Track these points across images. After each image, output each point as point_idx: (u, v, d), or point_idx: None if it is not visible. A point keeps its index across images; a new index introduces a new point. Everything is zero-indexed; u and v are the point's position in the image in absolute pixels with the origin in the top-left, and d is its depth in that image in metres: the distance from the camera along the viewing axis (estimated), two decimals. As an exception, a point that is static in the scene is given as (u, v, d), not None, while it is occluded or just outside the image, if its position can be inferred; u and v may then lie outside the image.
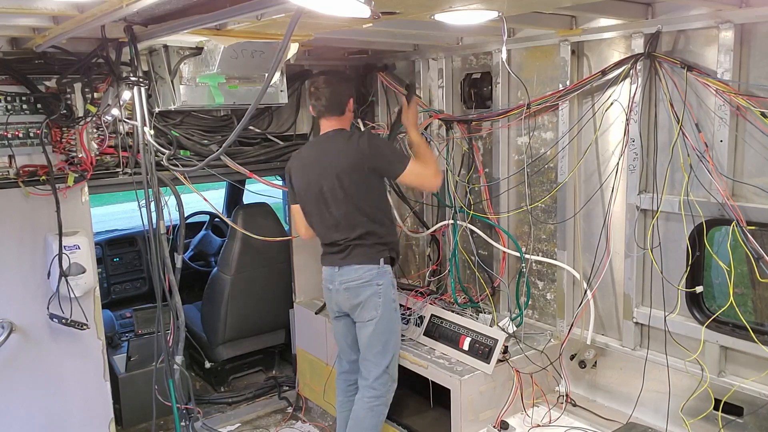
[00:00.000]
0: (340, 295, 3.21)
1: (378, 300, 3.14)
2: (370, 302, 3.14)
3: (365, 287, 3.13)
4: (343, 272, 3.17)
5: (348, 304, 3.20)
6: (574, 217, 3.29)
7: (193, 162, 3.56)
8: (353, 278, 3.14)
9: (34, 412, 3.36)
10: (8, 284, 3.23)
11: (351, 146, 3.10)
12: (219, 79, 3.33)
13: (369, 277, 3.12)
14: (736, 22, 2.51)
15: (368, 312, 3.15)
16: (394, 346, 3.22)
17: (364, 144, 3.09)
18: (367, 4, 1.57)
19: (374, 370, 3.19)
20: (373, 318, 3.15)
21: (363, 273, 3.13)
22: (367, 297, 3.13)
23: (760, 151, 2.57)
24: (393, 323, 3.21)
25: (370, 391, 3.21)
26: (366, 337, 3.20)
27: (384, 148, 3.18)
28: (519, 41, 3.38)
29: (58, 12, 2.31)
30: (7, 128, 3.07)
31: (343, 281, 3.17)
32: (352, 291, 3.16)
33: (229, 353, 4.63)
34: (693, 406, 2.83)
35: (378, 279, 3.13)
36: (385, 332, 3.17)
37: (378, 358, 3.18)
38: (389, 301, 3.17)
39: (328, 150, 3.17)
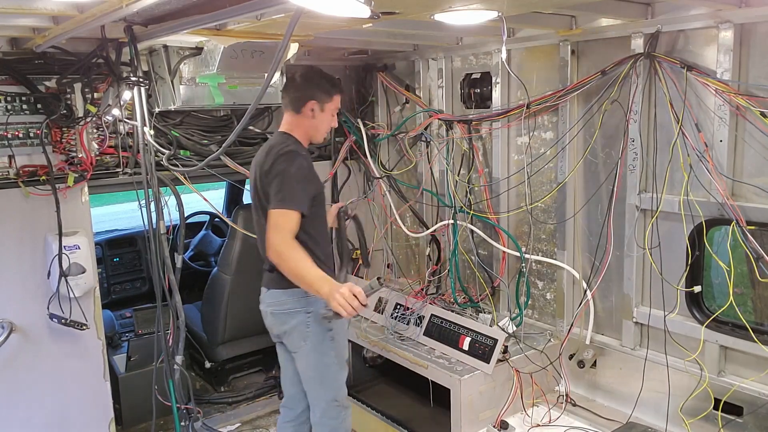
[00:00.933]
0: (268, 320, 2.91)
1: (306, 330, 2.78)
2: (296, 332, 2.80)
3: (290, 315, 2.79)
4: (269, 295, 2.86)
5: (276, 330, 2.90)
6: (573, 217, 3.29)
7: (193, 162, 3.56)
8: (277, 303, 2.82)
9: (34, 412, 3.36)
10: (8, 284, 3.22)
11: (269, 157, 2.72)
12: (219, 79, 3.33)
13: (294, 304, 2.78)
14: (736, 22, 2.51)
15: (295, 342, 2.83)
16: (333, 377, 2.88)
17: (270, 163, 2.68)
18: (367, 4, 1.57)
19: (319, 405, 2.90)
20: (300, 348, 2.82)
21: (286, 298, 2.78)
22: (293, 326, 2.80)
23: (760, 151, 2.57)
24: (326, 354, 2.83)
25: (323, 428, 2.92)
26: (301, 369, 2.90)
27: (281, 177, 2.64)
28: (519, 41, 3.38)
29: (57, 12, 2.31)
30: (7, 128, 3.07)
31: (270, 305, 2.86)
32: (277, 317, 2.85)
33: (229, 353, 4.63)
34: (693, 406, 2.83)
35: (307, 306, 2.76)
36: (318, 365, 2.83)
37: (318, 392, 2.89)
38: (321, 330, 2.79)
39: (262, 151, 2.83)
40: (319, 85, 2.81)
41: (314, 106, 2.80)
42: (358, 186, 4.45)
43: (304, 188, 2.68)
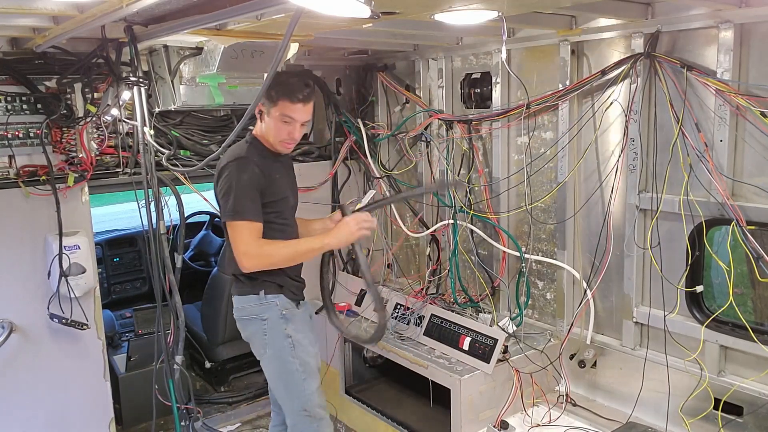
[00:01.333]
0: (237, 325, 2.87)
1: (263, 337, 2.71)
2: (256, 339, 2.77)
3: (248, 321, 2.75)
4: (234, 300, 2.81)
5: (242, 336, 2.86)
6: (573, 217, 3.29)
7: (193, 162, 3.56)
8: (237, 309, 2.78)
9: (34, 412, 3.36)
10: (8, 284, 3.23)
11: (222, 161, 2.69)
12: (219, 79, 3.33)
13: (250, 310, 2.73)
14: (736, 22, 2.51)
15: (257, 349, 2.79)
16: (300, 385, 2.74)
17: (218, 170, 2.67)
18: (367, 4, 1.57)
19: (290, 415, 2.81)
20: (262, 357, 2.78)
21: (244, 304, 2.75)
22: (251, 333, 2.77)
23: (760, 151, 2.57)
24: (289, 362, 2.71)
25: None
26: (267, 378, 2.87)
27: (228, 186, 2.59)
28: (519, 41, 3.38)
29: (58, 12, 2.31)
30: (8, 128, 3.07)
31: (235, 310, 2.81)
32: (239, 323, 2.82)
33: (229, 353, 4.63)
34: (693, 406, 2.83)
35: (262, 313, 2.70)
36: (280, 373, 2.75)
37: (286, 401, 2.82)
38: (280, 338, 2.70)
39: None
40: (271, 87, 2.60)
41: (261, 108, 2.69)
42: (358, 186, 4.45)
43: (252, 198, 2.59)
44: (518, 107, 3.36)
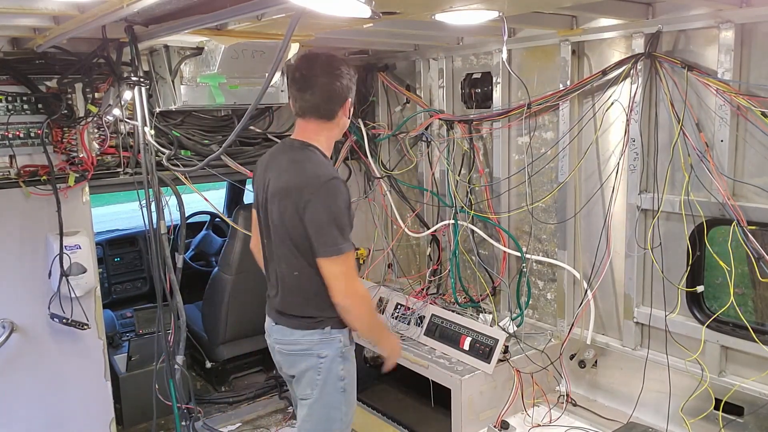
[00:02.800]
0: (276, 356, 2.58)
1: (317, 377, 2.41)
2: (306, 377, 2.44)
3: (302, 357, 2.43)
4: (277, 330, 2.51)
5: (285, 370, 2.58)
6: (574, 217, 3.29)
7: (194, 162, 3.56)
8: (288, 342, 2.47)
9: (34, 412, 3.36)
10: (9, 284, 3.23)
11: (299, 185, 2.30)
12: (220, 79, 3.33)
13: (307, 345, 2.42)
14: (737, 22, 2.51)
15: (302, 389, 2.47)
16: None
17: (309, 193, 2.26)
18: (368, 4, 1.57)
19: None
20: (307, 398, 2.46)
21: (300, 338, 2.43)
22: (303, 370, 2.44)
23: (761, 151, 2.57)
24: (336, 409, 2.46)
25: None
26: (300, 418, 2.53)
27: (328, 215, 2.25)
28: (519, 41, 3.38)
29: (58, 12, 2.31)
30: (8, 128, 3.06)
31: (278, 341, 2.51)
32: (285, 358, 2.51)
33: (230, 353, 4.63)
34: (693, 406, 2.83)
35: (321, 349, 2.40)
36: (321, 420, 2.46)
37: None
38: (334, 380, 2.43)
39: (279, 166, 2.42)
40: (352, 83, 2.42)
41: (348, 107, 2.43)
42: (359, 186, 4.45)
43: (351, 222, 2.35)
44: (519, 107, 3.36)
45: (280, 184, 2.37)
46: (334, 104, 2.37)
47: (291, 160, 2.39)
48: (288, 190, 2.33)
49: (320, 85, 2.33)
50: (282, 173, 2.38)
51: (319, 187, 2.27)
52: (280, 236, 2.40)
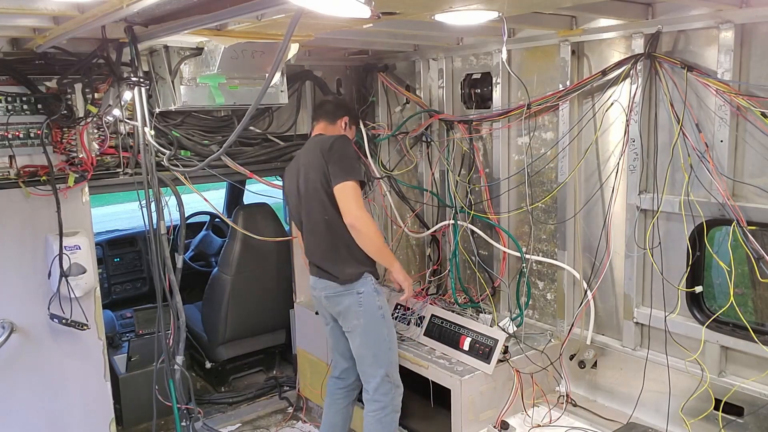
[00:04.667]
0: (323, 303, 3.24)
1: (359, 309, 3.07)
2: (351, 311, 3.10)
3: (344, 296, 3.10)
4: (320, 282, 3.20)
5: (331, 311, 3.23)
6: (574, 217, 3.29)
7: (194, 162, 3.56)
8: (331, 287, 3.13)
9: (34, 413, 3.36)
10: (9, 284, 3.23)
11: (321, 145, 3.07)
12: (219, 80, 3.33)
13: (347, 286, 3.08)
14: (737, 22, 2.51)
15: (350, 321, 3.12)
16: (387, 353, 3.14)
17: (329, 143, 3.03)
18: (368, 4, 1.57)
19: (372, 381, 3.13)
20: (356, 328, 3.11)
21: (339, 283, 3.11)
22: (347, 306, 3.10)
23: (761, 151, 2.57)
24: (379, 331, 3.11)
25: (374, 404, 3.15)
26: (355, 348, 3.17)
27: (341, 154, 3.00)
28: (519, 41, 3.38)
29: (58, 12, 2.31)
30: (8, 128, 3.06)
31: (323, 288, 3.18)
32: (331, 299, 3.16)
33: (230, 353, 4.64)
34: (693, 406, 2.83)
35: (358, 287, 3.07)
36: (372, 342, 3.11)
37: (372, 369, 3.13)
38: (373, 309, 3.09)
39: (307, 151, 3.20)
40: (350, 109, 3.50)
41: (346, 119, 3.35)
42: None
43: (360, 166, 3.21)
44: (519, 107, 3.36)
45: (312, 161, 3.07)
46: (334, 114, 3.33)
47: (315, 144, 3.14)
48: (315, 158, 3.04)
49: None
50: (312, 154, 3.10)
51: (333, 142, 3.02)
52: (314, 201, 3.05)
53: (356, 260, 3.07)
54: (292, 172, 3.27)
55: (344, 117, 3.34)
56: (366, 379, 3.18)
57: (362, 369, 3.19)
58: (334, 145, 3.01)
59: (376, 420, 3.15)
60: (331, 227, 3.06)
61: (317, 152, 3.05)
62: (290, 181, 3.28)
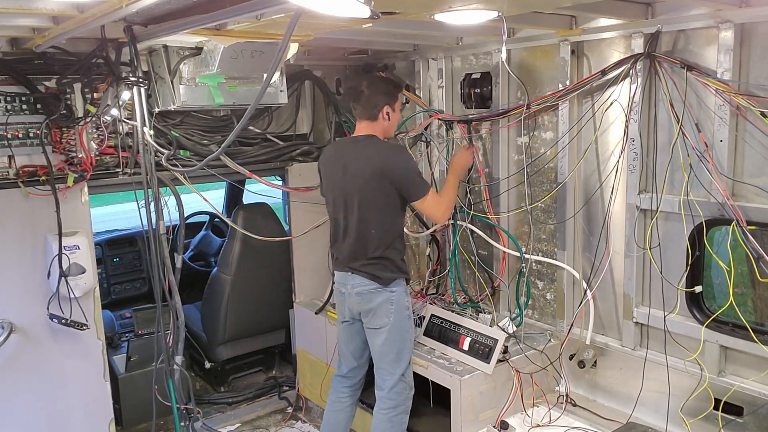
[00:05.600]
0: (352, 299, 3.19)
1: (390, 307, 3.11)
2: (382, 309, 3.11)
3: (377, 293, 3.11)
4: (352, 278, 3.16)
5: (359, 308, 3.19)
6: (573, 217, 3.29)
7: (193, 162, 3.56)
8: (365, 284, 3.12)
9: (34, 413, 3.36)
10: (8, 284, 3.22)
11: (377, 154, 3.06)
12: (219, 79, 3.33)
13: (381, 284, 3.11)
14: (736, 22, 2.51)
15: (380, 319, 3.13)
16: (407, 354, 3.20)
17: (391, 155, 3.08)
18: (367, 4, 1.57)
19: (389, 379, 3.16)
20: (385, 325, 3.12)
21: (374, 281, 3.13)
22: (379, 303, 3.11)
23: (760, 151, 2.57)
24: (406, 331, 3.17)
25: (387, 402, 3.17)
26: (378, 345, 3.17)
27: (412, 169, 3.12)
28: (519, 41, 3.38)
29: (57, 12, 2.31)
30: (7, 128, 3.06)
31: (355, 285, 3.15)
32: (364, 296, 3.14)
33: (229, 353, 4.63)
34: (693, 406, 2.83)
35: (392, 286, 3.12)
36: (397, 341, 3.14)
37: (392, 367, 3.15)
38: (402, 309, 3.14)
39: (357, 155, 3.13)
40: (390, 86, 3.23)
41: (387, 108, 3.14)
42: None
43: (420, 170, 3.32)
44: (518, 107, 3.36)
45: (366, 171, 3.05)
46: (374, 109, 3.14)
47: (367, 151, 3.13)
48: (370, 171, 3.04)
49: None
50: (366, 162, 3.07)
51: (390, 161, 3.06)
52: (365, 212, 3.08)
53: (398, 268, 3.16)
54: (333, 169, 3.20)
55: (384, 107, 3.13)
56: (383, 376, 3.19)
57: (381, 366, 3.19)
58: (392, 165, 3.04)
59: (387, 419, 3.17)
60: (381, 240, 3.10)
61: (373, 166, 3.02)
62: (330, 179, 3.24)
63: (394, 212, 3.14)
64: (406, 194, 3.09)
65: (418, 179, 3.11)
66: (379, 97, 3.12)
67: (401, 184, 3.06)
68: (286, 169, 4.13)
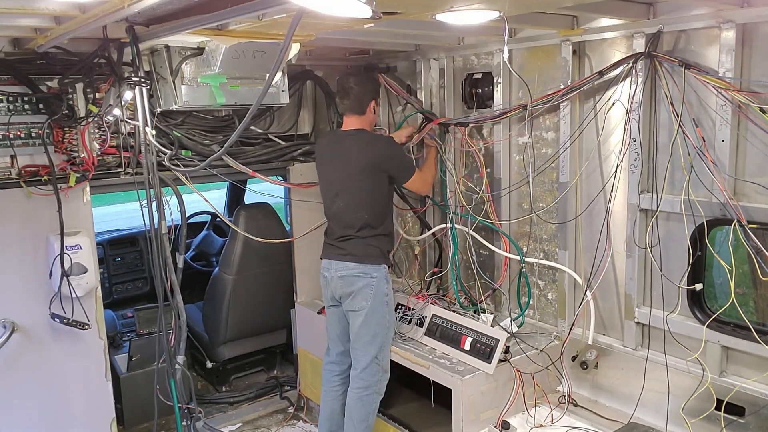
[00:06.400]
0: (335, 283, 3.37)
1: (369, 292, 3.29)
2: (362, 293, 3.29)
3: (359, 278, 3.30)
4: (335, 264, 3.38)
5: (341, 291, 3.36)
6: (575, 219, 3.28)
7: (195, 162, 3.56)
8: (349, 268, 3.32)
9: (35, 412, 3.36)
10: (10, 284, 3.23)
11: (371, 147, 3.33)
12: (220, 80, 3.33)
13: (363, 269, 3.30)
14: (738, 22, 2.51)
15: (358, 302, 3.30)
16: (383, 338, 3.34)
17: (384, 147, 3.37)
18: (369, 4, 1.57)
19: (362, 359, 3.33)
20: (363, 308, 3.29)
21: (358, 264, 3.32)
22: (360, 288, 3.29)
23: (762, 150, 2.57)
24: (383, 316, 3.33)
25: (359, 381, 3.34)
26: (356, 327, 3.34)
27: (400, 156, 3.45)
28: (520, 41, 3.38)
29: (59, 12, 2.31)
30: (9, 128, 3.07)
31: (339, 269, 3.35)
32: (346, 280, 3.33)
33: (231, 353, 4.64)
34: (694, 406, 2.82)
35: (372, 272, 3.30)
36: (373, 324, 3.31)
37: (366, 348, 3.32)
38: (381, 295, 3.31)
39: (349, 147, 3.35)
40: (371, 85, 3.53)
41: (373, 104, 3.46)
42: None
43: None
44: (519, 108, 3.36)
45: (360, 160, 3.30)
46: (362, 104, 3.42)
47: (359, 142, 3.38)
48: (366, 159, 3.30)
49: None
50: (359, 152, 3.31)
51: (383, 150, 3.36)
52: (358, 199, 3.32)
53: (382, 255, 3.37)
54: (331, 160, 3.44)
55: (371, 102, 3.43)
56: (357, 357, 3.37)
57: (356, 347, 3.37)
58: (386, 155, 3.34)
59: (358, 398, 3.35)
60: (370, 225, 3.33)
61: (370, 157, 3.30)
62: (326, 169, 3.48)
63: (384, 199, 3.43)
64: (398, 177, 3.43)
65: (406, 163, 3.47)
66: (366, 93, 3.42)
67: (395, 170, 3.39)
68: (287, 168, 4.14)
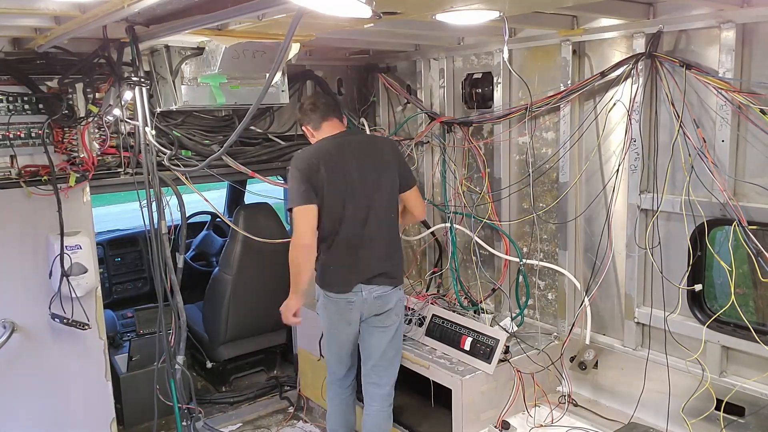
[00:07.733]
0: (370, 303, 3.10)
1: (402, 305, 3.25)
2: (396, 309, 3.19)
3: (394, 293, 3.17)
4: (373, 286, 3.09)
5: (377, 310, 3.13)
6: (575, 219, 3.28)
7: (195, 162, 3.56)
8: (385, 285, 3.13)
9: (35, 412, 3.36)
10: (10, 284, 3.23)
11: (385, 145, 3.26)
12: (220, 79, 3.33)
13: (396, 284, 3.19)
14: (738, 22, 2.51)
15: (391, 318, 3.19)
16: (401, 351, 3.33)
17: (395, 149, 3.32)
18: (368, 4, 1.57)
19: (394, 378, 3.25)
20: (394, 323, 3.20)
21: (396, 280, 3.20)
22: (395, 303, 3.19)
23: (762, 151, 2.57)
24: (402, 330, 3.33)
25: (389, 399, 3.26)
26: (385, 343, 3.19)
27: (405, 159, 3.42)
28: (520, 41, 3.37)
29: (59, 12, 2.31)
30: (9, 128, 3.07)
31: (373, 290, 3.08)
32: (383, 298, 3.12)
33: (231, 353, 4.63)
34: (694, 407, 2.82)
35: (401, 286, 3.23)
36: (399, 338, 3.28)
37: (392, 362, 3.24)
38: (404, 307, 3.31)
39: (366, 148, 3.17)
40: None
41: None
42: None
43: None
44: (519, 108, 3.36)
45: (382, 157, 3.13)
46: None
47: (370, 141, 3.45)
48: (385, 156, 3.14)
49: None
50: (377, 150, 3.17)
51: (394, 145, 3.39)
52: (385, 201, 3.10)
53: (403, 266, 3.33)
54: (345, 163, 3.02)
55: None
56: (381, 374, 3.22)
57: (380, 364, 3.21)
58: (398, 152, 3.30)
59: (387, 415, 3.27)
60: (395, 227, 3.22)
61: (386, 152, 3.16)
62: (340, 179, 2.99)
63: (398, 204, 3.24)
64: (406, 181, 3.21)
65: (408, 167, 3.36)
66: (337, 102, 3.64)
67: (405, 171, 3.23)
68: (287, 169, 4.13)
